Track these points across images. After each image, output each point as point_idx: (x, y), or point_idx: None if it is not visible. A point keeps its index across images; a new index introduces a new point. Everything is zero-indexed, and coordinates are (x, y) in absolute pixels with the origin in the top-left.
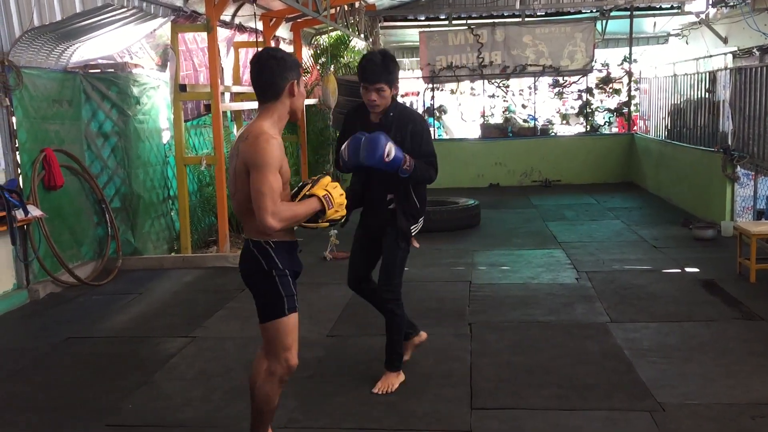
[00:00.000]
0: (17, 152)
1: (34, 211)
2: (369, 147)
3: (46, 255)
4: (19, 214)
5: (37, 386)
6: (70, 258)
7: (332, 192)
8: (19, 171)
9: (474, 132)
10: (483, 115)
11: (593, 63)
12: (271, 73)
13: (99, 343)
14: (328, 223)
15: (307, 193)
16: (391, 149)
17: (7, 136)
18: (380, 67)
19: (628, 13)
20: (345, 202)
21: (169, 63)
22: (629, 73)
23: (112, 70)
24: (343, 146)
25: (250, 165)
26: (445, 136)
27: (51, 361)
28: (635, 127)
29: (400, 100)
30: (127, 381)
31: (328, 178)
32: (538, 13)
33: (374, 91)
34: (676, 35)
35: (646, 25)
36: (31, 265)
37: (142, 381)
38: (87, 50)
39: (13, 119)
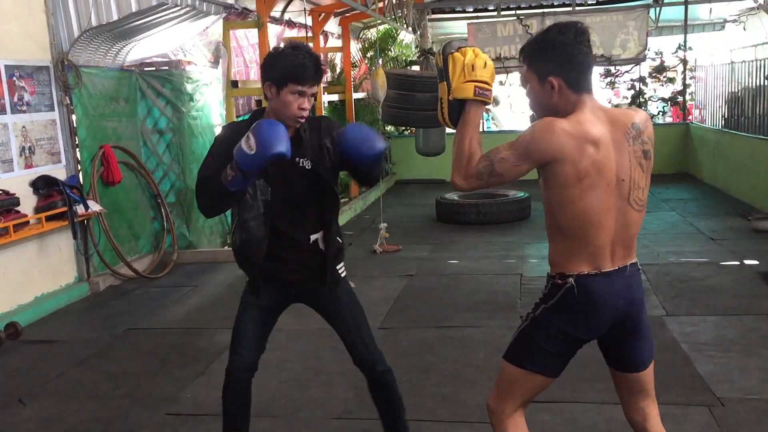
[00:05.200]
0: (77, 149)
1: (94, 206)
2: (362, 134)
3: (105, 249)
4: (80, 209)
5: (99, 376)
6: (128, 251)
7: None
8: (79, 167)
9: (524, 124)
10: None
11: (646, 51)
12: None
13: (157, 334)
14: None
15: None
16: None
17: (68, 133)
18: (317, 63)
19: None
20: None
21: (221, 60)
22: (684, 61)
23: (167, 67)
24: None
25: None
26: (494, 128)
27: (112, 352)
28: (690, 117)
29: None
30: (184, 371)
31: None
32: (589, 2)
33: (309, 97)
34: (733, 21)
35: (702, 11)
36: (92, 259)
37: (199, 371)
38: (142, 49)
39: (73, 117)
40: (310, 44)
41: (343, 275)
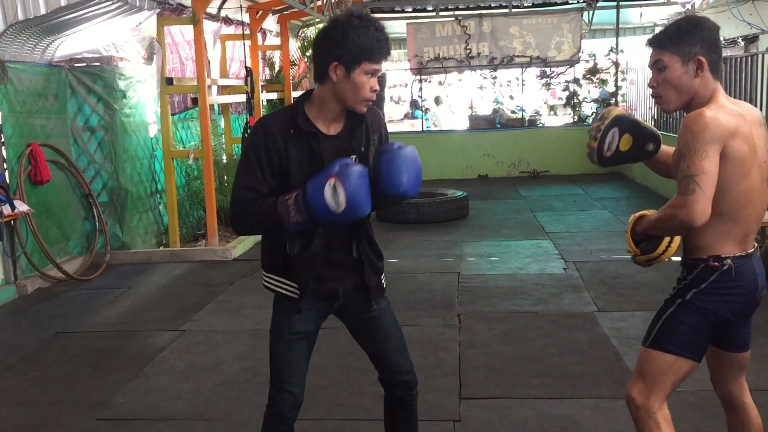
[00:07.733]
0: (3, 147)
1: (21, 207)
2: (411, 166)
3: (33, 250)
4: (6, 209)
5: (27, 381)
6: (58, 253)
7: None
8: (5, 166)
9: (462, 123)
10: (471, 107)
11: (580, 54)
12: None
13: (88, 337)
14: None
15: None
16: None
17: None
18: (387, 35)
19: (615, 3)
20: None
21: (155, 56)
22: (616, 64)
23: (98, 63)
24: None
25: None
26: (433, 128)
27: (41, 356)
28: None
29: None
30: (117, 375)
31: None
32: (525, 4)
33: (377, 76)
34: (663, 25)
35: (633, 15)
36: (19, 261)
37: (132, 375)
38: (72, 44)
39: None
40: (248, 42)
41: (384, 284)
